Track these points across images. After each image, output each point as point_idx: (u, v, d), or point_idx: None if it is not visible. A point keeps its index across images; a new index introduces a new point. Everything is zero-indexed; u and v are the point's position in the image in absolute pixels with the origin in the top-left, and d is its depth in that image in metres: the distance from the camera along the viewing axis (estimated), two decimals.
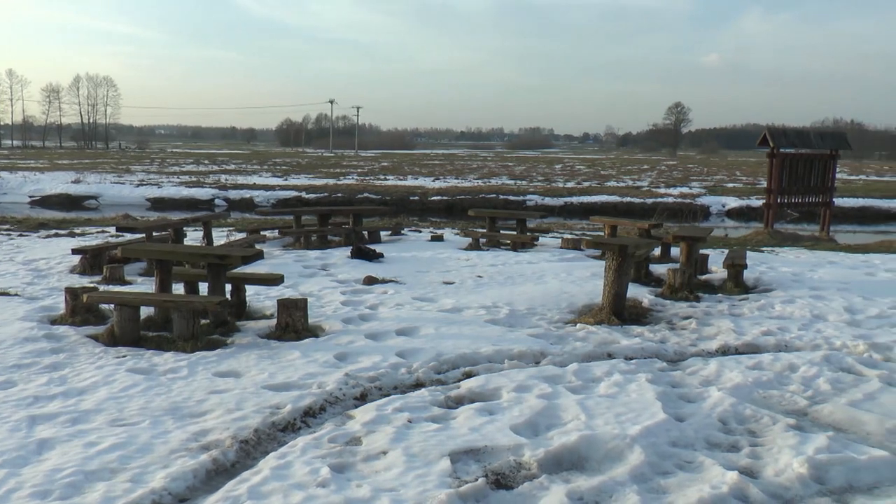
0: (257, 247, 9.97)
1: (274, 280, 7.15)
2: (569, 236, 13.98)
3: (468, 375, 5.38)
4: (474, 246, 12.13)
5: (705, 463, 3.90)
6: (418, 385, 5.21)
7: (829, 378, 5.33)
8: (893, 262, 11.22)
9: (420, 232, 14.43)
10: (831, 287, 8.84)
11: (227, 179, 36.93)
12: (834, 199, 19.48)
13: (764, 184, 18.81)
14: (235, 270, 7.06)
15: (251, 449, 4.08)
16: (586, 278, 9.09)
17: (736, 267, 8.89)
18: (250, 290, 7.57)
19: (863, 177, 53.82)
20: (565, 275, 9.37)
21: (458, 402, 4.81)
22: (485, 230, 12.75)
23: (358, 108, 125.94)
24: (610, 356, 5.91)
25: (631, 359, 5.83)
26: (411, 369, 5.44)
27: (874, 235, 23.75)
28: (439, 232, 14.07)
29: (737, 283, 8.78)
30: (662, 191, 36.42)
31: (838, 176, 24.41)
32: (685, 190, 37.08)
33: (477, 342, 6.11)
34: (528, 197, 31.75)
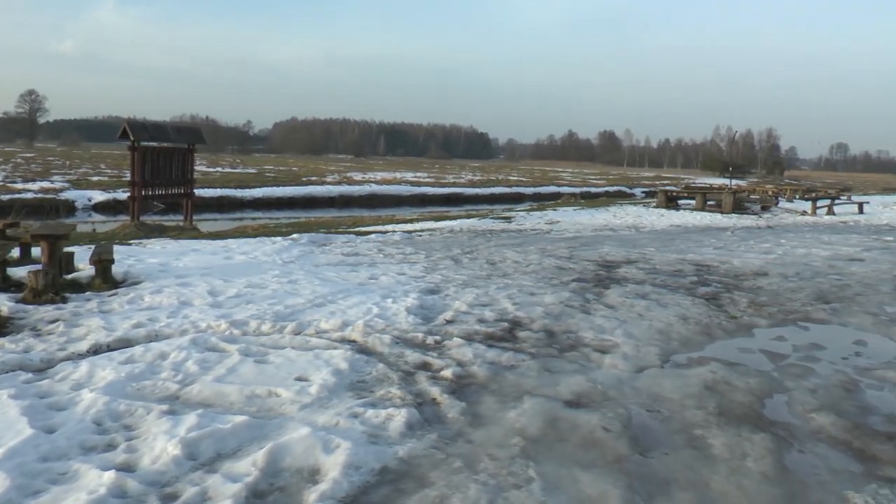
0: None
1: None
2: None
3: None
4: None
5: (81, 469, 3.79)
6: None
7: (197, 359, 5.68)
8: (247, 245, 12.48)
9: None
10: (195, 273, 9.40)
11: None
12: (195, 190, 20.67)
13: (129, 177, 18.91)
14: None
15: None
16: None
17: (103, 262, 8.76)
18: None
19: (219, 169, 58.21)
20: None
21: None
22: None
23: None
24: None
25: None
26: None
27: (232, 222, 26.05)
28: None
29: (105, 279, 8.66)
30: (20, 185, 33.71)
31: (198, 168, 25.82)
32: (47, 184, 34.96)
33: None
34: None
